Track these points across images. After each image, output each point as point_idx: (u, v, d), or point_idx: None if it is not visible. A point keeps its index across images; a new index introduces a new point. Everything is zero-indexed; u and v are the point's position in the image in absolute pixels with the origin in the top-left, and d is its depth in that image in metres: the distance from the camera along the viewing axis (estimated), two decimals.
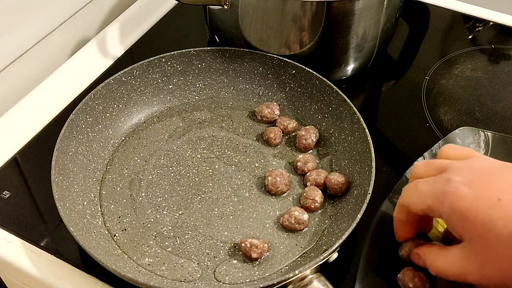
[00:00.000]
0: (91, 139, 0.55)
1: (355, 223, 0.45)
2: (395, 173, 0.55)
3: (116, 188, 0.53)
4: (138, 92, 0.59)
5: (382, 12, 0.59)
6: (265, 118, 0.59)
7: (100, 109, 0.56)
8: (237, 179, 0.54)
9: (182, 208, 0.52)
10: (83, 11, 0.73)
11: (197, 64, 0.61)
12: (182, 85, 0.61)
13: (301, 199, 0.52)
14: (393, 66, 0.70)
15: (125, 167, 0.55)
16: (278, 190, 0.53)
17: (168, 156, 0.56)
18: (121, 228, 0.50)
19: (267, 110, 0.59)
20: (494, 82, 0.67)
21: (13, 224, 0.51)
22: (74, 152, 0.53)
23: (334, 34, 0.59)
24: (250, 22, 0.59)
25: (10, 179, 0.55)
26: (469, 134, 0.57)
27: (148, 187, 0.53)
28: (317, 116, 0.59)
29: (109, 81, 0.57)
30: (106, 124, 0.57)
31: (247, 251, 0.47)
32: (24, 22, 0.65)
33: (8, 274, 0.54)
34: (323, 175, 0.53)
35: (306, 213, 0.50)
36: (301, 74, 0.59)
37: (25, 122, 0.60)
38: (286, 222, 0.50)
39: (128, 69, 0.58)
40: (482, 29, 0.75)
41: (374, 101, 0.66)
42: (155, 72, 0.60)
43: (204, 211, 0.52)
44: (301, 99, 0.60)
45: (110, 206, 0.52)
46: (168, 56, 0.60)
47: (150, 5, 0.77)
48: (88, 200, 0.51)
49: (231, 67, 0.62)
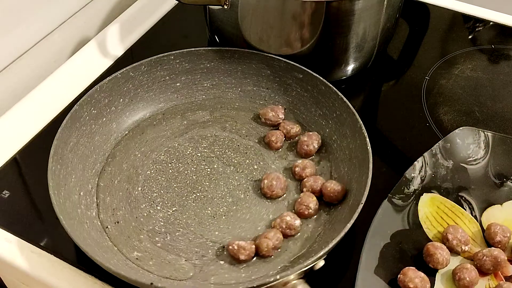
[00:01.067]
0: (94, 131, 0.56)
1: (343, 232, 0.44)
2: (394, 174, 0.54)
3: (114, 181, 0.54)
4: (145, 88, 0.60)
5: (382, 12, 0.58)
6: (269, 121, 0.58)
7: (106, 102, 0.57)
8: (234, 180, 0.54)
9: (176, 205, 0.52)
10: (83, 11, 0.73)
11: (206, 64, 0.61)
12: (189, 84, 0.62)
13: (296, 204, 0.51)
14: (393, 66, 0.69)
15: (125, 161, 0.55)
16: (274, 193, 0.52)
17: (168, 153, 0.56)
18: (114, 221, 0.50)
19: (271, 113, 0.58)
20: (494, 82, 0.66)
21: (12, 224, 0.51)
22: (75, 143, 0.54)
23: (334, 34, 0.58)
24: (250, 21, 0.59)
25: (10, 179, 0.55)
26: (469, 134, 0.57)
27: (145, 182, 0.54)
28: (321, 121, 0.58)
29: (117, 75, 0.57)
30: (111, 118, 0.58)
31: (235, 254, 0.47)
32: (24, 22, 0.65)
33: (7, 274, 0.54)
34: (320, 182, 0.52)
35: (298, 218, 0.50)
36: (308, 79, 0.58)
37: (25, 122, 0.60)
38: (277, 227, 0.49)
39: (137, 64, 0.59)
40: (482, 29, 0.74)
41: (374, 101, 0.65)
42: (164, 69, 0.60)
43: (198, 209, 0.52)
44: (306, 103, 0.59)
45: (106, 198, 0.52)
46: (178, 53, 0.60)
47: (150, 5, 0.77)
48: (85, 191, 0.52)
49: (239, 68, 0.61)
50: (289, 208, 0.52)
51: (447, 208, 0.52)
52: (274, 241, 0.47)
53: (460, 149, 0.56)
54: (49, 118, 0.61)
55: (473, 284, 0.45)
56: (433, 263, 0.47)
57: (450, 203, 0.52)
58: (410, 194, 0.52)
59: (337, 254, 0.47)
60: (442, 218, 0.51)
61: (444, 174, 0.54)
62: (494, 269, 0.46)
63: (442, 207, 0.52)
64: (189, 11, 0.75)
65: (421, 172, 0.54)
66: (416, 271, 0.45)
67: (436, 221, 0.51)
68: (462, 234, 0.48)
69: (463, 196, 0.53)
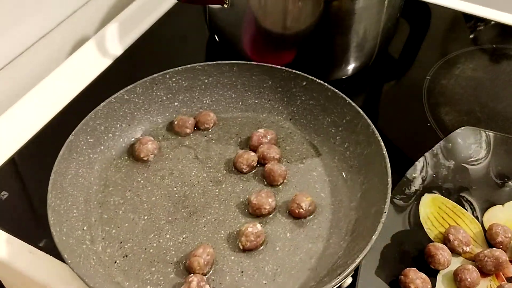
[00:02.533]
0: (93, 160, 0.53)
1: (369, 244, 0.42)
2: (395, 174, 0.52)
3: (118, 211, 0.50)
4: (142, 110, 0.57)
5: (382, 11, 0.58)
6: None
7: (102, 129, 0.54)
8: (245, 199, 0.51)
9: (186, 231, 0.49)
10: (82, 10, 0.72)
11: (203, 80, 0.59)
12: (188, 102, 0.59)
13: (289, 202, 0.50)
14: (394, 66, 0.69)
15: (128, 189, 0.52)
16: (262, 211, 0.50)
17: (172, 176, 0.53)
18: (122, 254, 0.47)
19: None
20: (496, 82, 0.66)
21: (11, 225, 0.50)
22: (73, 175, 0.51)
23: (334, 33, 0.58)
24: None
25: (8, 180, 0.54)
26: (470, 134, 0.57)
27: (151, 209, 0.51)
28: (330, 129, 0.55)
29: (111, 100, 0.55)
30: (109, 145, 0.55)
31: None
32: (22, 21, 0.64)
33: (6, 275, 0.53)
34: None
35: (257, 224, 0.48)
36: (313, 86, 0.56)
37: (23, 122, 0.60)
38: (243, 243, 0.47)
39: (131, 87, 0.56)
40: (483, 28, 0.74)
41: (375, 101, 0.65)
42: (160, 89, 0.57)
43: (210, 234, 0.49)
44: (313, 112, 0.57)
45: (111, 231, 0.49)
46: (173, 72, 0.57)
47: (150, 4, 0.76)
48: (89, 225, 0.49)
49: (239, 81, 0.59)
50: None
51: (448, 208, 0.52)
52: (205, 257, 0.45)
53: (461, 149, 0.56)
54: (48, 118, 0.60)
55: (474, 285, 0.45)
56: (434, 264, 0.47)
57: (451, 204, 0.52)
58: (411, 195, 0.52)
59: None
60: (443, 219, 0.50)
61: (445, 174, 0.54)
62: (496, 270, 0.46)
63: (443, 207, 0.52)
64: (188, 10, 0.74)
65: (422, 173, 0.54)
66: (417, 272, 0.45)
67: (437, 221, 0.50)
68: (464, 234, 0.48)
69: (464, 197, 0.52)
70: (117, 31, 0.72)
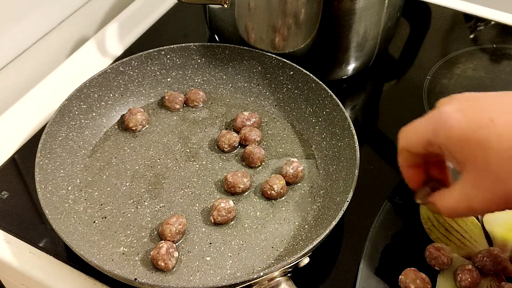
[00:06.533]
0: (84, 126, 0.56)
1: (328, 230, 0.45)
2: (395, 174, 0.53)
3: (102, 176, 0.54)
4: (136, 83, 0.60)
5: (383, 11, 0.58)
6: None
7: (95, 97, 0.57)
8: (222, 177, 0.54)
9: (163, 201, 0.52)
10: (82, 10, 0.73)
11: (196, 59, 0.61)
12: (180, 79, 0.62)
13: (263, 184, 0.53)
14: (394, 66, 0.69)
15: (114, 156, 0.55)
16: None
17: (157, 148, 0.56)
18: (101, 216, 0.51)
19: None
20: (496, 82, 0.66)
21: (11, 225, 0.51)
22: (64, 137, 0.54)
23: (334, 33, 0.58)
24: (250, 21, 0.59)
25: (9, 179, 0.55)
26: None
27: (134, 177, 0.54)
28: (311, 119, 0.58)
29: (106, 70, 0.58)
30: (100, 112, 0.58)
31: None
32: (22, 21, 0.64)
33: (6, 275, 0.54)
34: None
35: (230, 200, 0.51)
36: (299, 76, 0.58)
37: (23, 121, 0.60)
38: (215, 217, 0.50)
39: (126, 59, 0.59)
40: (484, 28, 0.74)
41: (375, 101, 0.65)
42: (154, 64, 0.60)
43: (185, 205, 0.52)
44: (297, 101, 0.59)
45: (94, 193, 0.52)
46: (168, 49, 0.60)
47: (150, 4, 0.76)
48: (73, 186, 0.52)
49: (230, 64, 0.61)
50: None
51: None
52: (177, 226, 0.48)
53: None
54: (48, 118, 0.60)
55: (474, 285, 0.45)
56: (434, 264, 0.47)
57: None
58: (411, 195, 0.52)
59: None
60: (443, 219, 0.50)
61: None
62: (495, 269, 0.46)
63: None
64: (188, 10, 0.75)
65: None
66: (417, 272, 0.45)
67: (437, 221, 0.50)
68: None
69: None
70: (117, 31, 0.72)
